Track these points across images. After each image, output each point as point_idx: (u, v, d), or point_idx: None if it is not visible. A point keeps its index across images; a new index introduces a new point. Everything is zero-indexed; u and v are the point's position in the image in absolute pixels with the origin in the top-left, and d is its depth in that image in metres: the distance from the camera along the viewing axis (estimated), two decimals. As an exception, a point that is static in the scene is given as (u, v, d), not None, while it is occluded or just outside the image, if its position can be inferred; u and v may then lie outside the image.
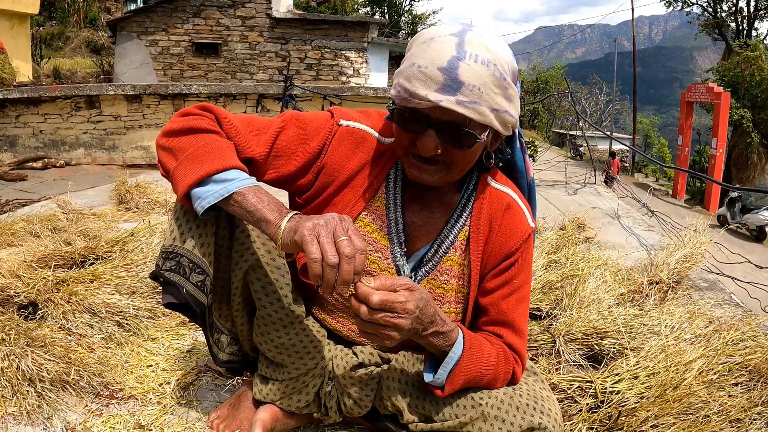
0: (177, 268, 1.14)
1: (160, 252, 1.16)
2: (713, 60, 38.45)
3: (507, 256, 1.22)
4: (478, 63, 1.00)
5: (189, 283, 1.15)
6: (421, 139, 1.05)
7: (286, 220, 1.00)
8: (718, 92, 15.28)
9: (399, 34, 27.65)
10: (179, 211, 1.16)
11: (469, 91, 1.00)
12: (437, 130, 1.04)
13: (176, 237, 1.15)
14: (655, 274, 2.62)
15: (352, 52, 13.51)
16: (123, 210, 3.96)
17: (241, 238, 1.20)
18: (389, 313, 0.97)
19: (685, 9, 27.96)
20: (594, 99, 34.78)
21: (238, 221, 1.20)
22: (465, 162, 1.11)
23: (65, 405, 1.44)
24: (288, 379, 1.30)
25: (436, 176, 1.11)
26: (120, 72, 13.46)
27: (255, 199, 1.04)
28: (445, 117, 1.02)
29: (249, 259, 1.20)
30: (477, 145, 1.07)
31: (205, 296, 1.17)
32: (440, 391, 1.14)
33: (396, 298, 0.97)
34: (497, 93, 1.03)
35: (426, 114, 1.04)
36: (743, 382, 1.65)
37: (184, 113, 1.16)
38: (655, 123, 48.78)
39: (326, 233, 0.94)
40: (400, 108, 1.07)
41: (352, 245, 0.93)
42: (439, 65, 1.00)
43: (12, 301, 1.89)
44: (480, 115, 1.02)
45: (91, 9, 21.85)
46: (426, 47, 1.03)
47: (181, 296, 1.14)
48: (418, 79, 1.01)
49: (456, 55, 1.00)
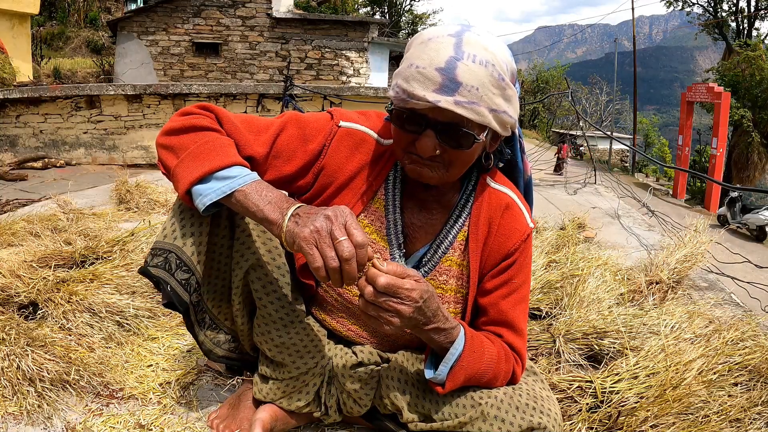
0: (164, 264, 1.15)
1: (150, 248, 1.17)
2: (714, 60, 38.47)
3: (506, 256, 1.22)
4: (476, 63, 1.00)
5: (174, 280, 1.15)
6: (420, 140, 1.05)
7: (287, 219, 1.00)
8: (718, 92, 15.27)
9: (399, 34, 27.66)
10: (176, 209, 1.17)
11: (467, 92, 0.99)
12: (436, 131, 1.04)
13: (167, 234, 1.16)
14: (655, 274, 2.62)
15: (353, 51, 13.51)
16: (123, 210, 3.96)
17: (241, 237, 1.21)
18: (393, 298, 0.97)
19: (685, 9, 27.94)
20: (594, 99, 34.77)
21: (239, 220, 1.21)
22: (464, 162, 1.11)
23: (65, 405, 1.44)
24: (288, 378, 1.30)
25: (435, 174, 1.11)
26: (120, 72, 13.46)
27: (257, 198, 1.04)
28: (444, 117, 1.02)
29: (250, 258, 1.20)
30: (476, 145, 1.07)
31: (188, 294, 1.18)
32: (441, 388, 1.15)
33: (402, 284, 0.98)
34: (496, 93, 1.03)
35: (424, 114, 1.04)
36: (743, 382, 1.65)
37: (184, 112, 1.16)
38: (656, 123, 48.71)
39: (323, 238, 0.94)
40: (398, 109, 1.07)
41: (351, 245, 0.93)
42: (437, 66, 0.99)
43: (12, 300, 1.89)
44: (478, 115, 1.01)
45: (91, 9, 21.86)
46: (424, 48, 1.03)
47: (167, 293, 1.15)
48: (416, 80, 1.01)
49: (454, 55, 1.00)
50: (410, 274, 1.00)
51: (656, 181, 22.15)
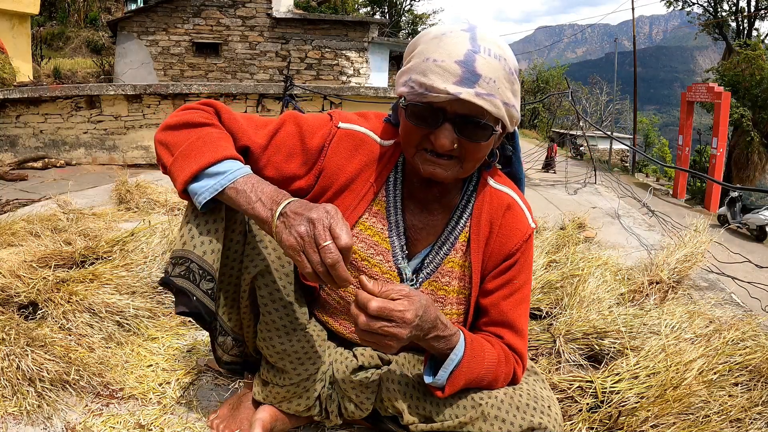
0: (186, 274, 1.12)
1: (169, 257, 1.15)
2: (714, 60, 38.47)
3: (507, 256, 1.22)
4: (492, 57, 1.02)
5: (199, 291, 1.13)
6: (438, 134, 1.05)
7: (276, 219, 0.99)
8: (718, 92, 15.26)
9: (399, 34, 27.66)
10: (190, 215, 1.15)
11: (486, 84, 1.01)
12: (454, 124, 1.04)
13: (186, 241, 1.13)
14: (655, 274, 2.62)
15: (353, 51, 13.51)
16: (123, 210, 3.96)
17: (253, 242, 1.19)
18: (387, 323, 0.96)
19: (685, 9, 27.94)
20: (594, 99, 34.76)
21: (251, 225, 1.19)
22: (478, 156, 1.11)
23: (65, 405, 1.44)
24: (289, 384, 1.29)
25: (449, 171, 1.10)
26: (120, 72, 13.46)
27: (248, 194, 1.03)
28: (463, 110, 1.03)
29: (259, 264, 1.19)
30: (491, 138, 1.08)
31: (213, 303, 1.16)
32: (440, 392, 1.14)
33: (395, 306, 0.97)
34: (507, 87, 1.05)
35: (442, 108, 1.04)
36: (743, 382, 1.65)
37: (184, 108, 1.16)
38: (656, 123, 48.71)
39: (308, 244, 0.94)
40: (413, 103, 1.06)
41: (335, 250, 0.93)
42: (456, 58, 1.00)
43: (12, 300, 1.89)
44: (496, 107, 1.03)
45: (91, 9, 21.85)
46: (439, 42, 1.04)
47: (192, 305, 1.12)
48: (435, 73, 1.01)
49: (472, 48, 1.01)
50: (398, 290, 0.99)
51: (656, 181, 22.13)
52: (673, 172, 19.31)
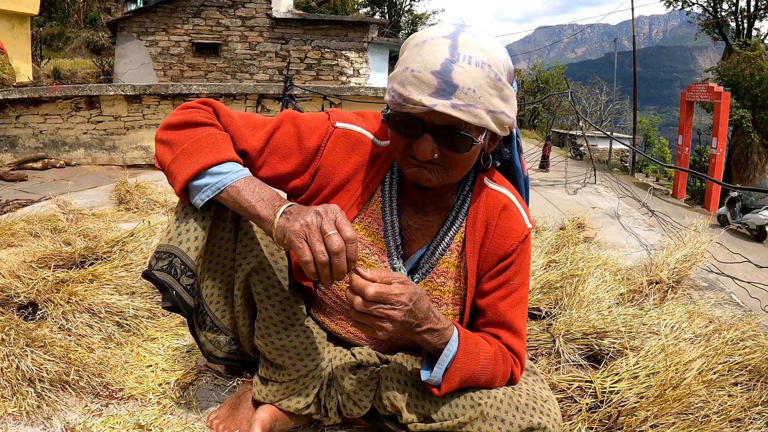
0: (168, 268, 1.14)
1: (154, 251, 1.17)
2: (714, 60, 38.51)
3: (503, 257, 1.21)
4: (472, 65, 0.99)
5: (179, 285, 1.15)
6: (418, 144, 1.05)
7: (278, 216, 1.01)
8: (718, 92, 15.26)
9: (399, 34, 27.65)
10: (180, 211, 1.17)
11: (463, 94, 0.98)
12: (433, 134, 1.03)
13: (172, 237, 1.15)
14: (655, 274, 2.62)
15: (352, 52, 13.52)
16: (123, 210, 3.96)
17: (244, 240, 1.20)
18: (383, 305, 0.98)
19: (685, 9, 27.93)
20: (594, 99, 34.77)
21: (242, 222, 1.20)
22: (463, 165, 1.10)
23: (65, 405, 1.44)
24: (288, 380, 1.30)
25: (435, 177, 1.10)
26: (120, 72, 13.47)
27: (248, 194, 1.05)
28: (441, 121, 1.01)
29: (252, 261, 1.20)
30: (474, 148, 1.06)
31: (193, 299, 1.18)
32: (437, 390, 1.15)
33: (391, 290, 0.98)
34: (493, 94, 1.01)
35: (421, 118, 1.03)
36: (743, 382, 1.65)
37: (184, 107, 1.17)
38: (656, 123, 48.69)
39: (313, 232, 0.95)
40: (394, 113, 1.06)
41: (340, 239, 0.94)
42: (432, 69, 0.98)
43: (12, 301, 1.89)
44: (476, 117, 1.00)
45: (91, 9, 21.87)
46: (419, 50, 1.02)
47: (172, 298, 1.15)
48: (412, 84, 1.00)
49: (449, 57, 0.98)
50: (395, 277, 1.01)
51: (656, 181, 22.13)
52: (673, 172, 19.31)
